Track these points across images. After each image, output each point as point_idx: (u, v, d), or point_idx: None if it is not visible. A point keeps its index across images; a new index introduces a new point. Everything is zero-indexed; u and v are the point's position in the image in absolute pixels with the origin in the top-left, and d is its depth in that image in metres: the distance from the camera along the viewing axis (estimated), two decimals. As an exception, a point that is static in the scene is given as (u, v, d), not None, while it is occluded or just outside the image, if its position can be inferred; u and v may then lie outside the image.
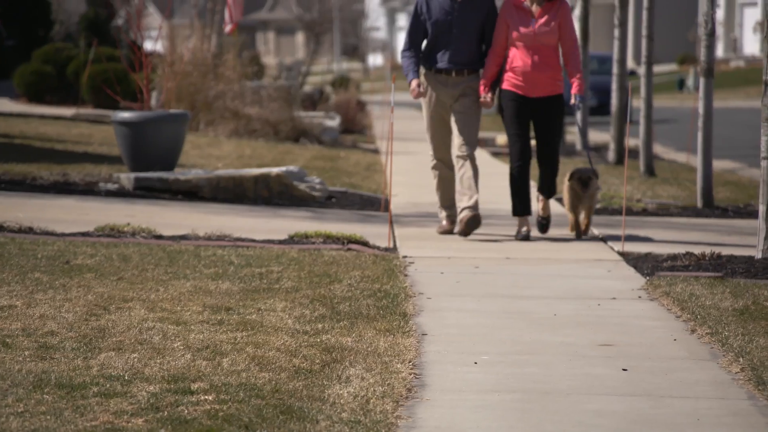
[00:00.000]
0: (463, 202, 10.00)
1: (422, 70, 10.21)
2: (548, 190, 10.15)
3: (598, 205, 11.66)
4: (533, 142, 10.01)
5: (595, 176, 10.01)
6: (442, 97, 10.12)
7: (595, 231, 10.55)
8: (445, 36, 10.03)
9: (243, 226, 10.41)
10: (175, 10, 56.36)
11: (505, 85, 9.96)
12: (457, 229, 10.16)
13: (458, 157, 10.05)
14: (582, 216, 10.09)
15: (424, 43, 10.23)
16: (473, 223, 9.95)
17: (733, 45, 57.18)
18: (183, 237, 9.49)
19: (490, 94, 9.99)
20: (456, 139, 10.08)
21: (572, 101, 9.84)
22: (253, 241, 9.46)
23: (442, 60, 10.05)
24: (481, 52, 10.09)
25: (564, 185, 10.20)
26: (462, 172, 10.01)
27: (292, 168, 12.76)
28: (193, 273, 8.03)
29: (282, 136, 20.45)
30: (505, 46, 9.95)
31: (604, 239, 10.18)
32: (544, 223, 10.21)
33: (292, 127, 20.72)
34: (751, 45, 55.97)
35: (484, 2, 10.09)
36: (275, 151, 18.08)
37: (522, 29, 9.86)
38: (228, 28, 21.53)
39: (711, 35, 12.93)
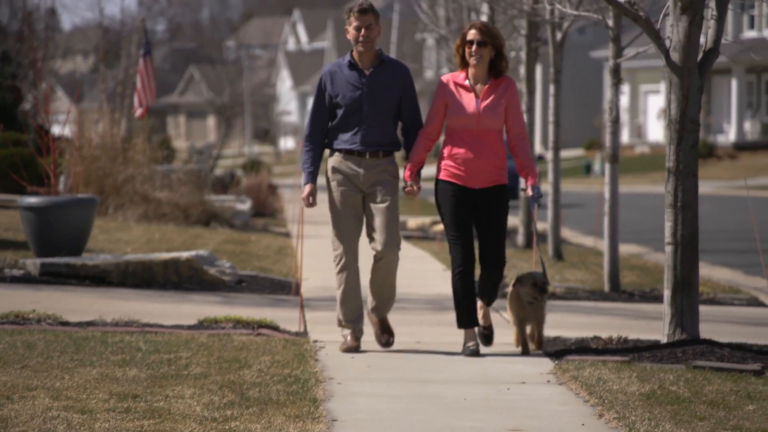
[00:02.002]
0: (377, 308, 8.72)
1: (328, 156, 8.86)
2: (490, 296, 8.75)
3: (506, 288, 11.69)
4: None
5: (547, 283, 8.60)
6: (354, 185, 8.65)
7: (505, 315, 10.61)
8: (354, 114, 8.62)
9: (152, 311, 10.30)
10: (84, 94, 56.11)
11: (443, 176, 8.55)
12: (377, 334, 8.75)
13: (375, 255, 8.60)
14: (530, 329, 8.69)
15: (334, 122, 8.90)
16: (386, 338, 8.68)
17: (638, 131, 58.30)
18: (90, 323, 9.38)
19: (416, 182, 8.58)
20: (372, 235, 8.61)
21: (528, 192, 8.55)
22: (162, 326, 9.37)
23: (353, 141, 8.64)
24: (396, 131, 8.78)
25: (509, 292, 8.83)
26: (378, 272, 8.61)
27: (202, 252, 12.71)
28: (100, 360, 7.92)
29: (192, 219, 20.37)
30: (439, 129, 8.64)
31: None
32: (486, 334, 8.82)
33: (203, 210, 20.66)
34: (655, 131, 57.11)
35: (399, 74, 8.67)
36: (185, 235, 17.99)
37: (464, 110, 8.48)
38: (138, 112, 21.49)
39: (616, 122, 13.18)
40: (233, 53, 65.54)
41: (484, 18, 20.07)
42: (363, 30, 8.57)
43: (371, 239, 8.65)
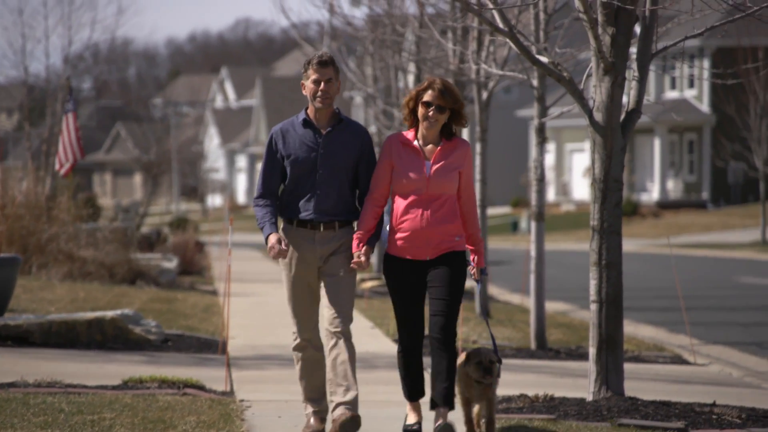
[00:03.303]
0: (337, 395, 7.62)
1: (281, 224, 7.90)
2: (445, 396, 7.58)
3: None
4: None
5: (498, 361, 7.73)
6: (308, 258, 7.77)
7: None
8: (308, 178, 7.76)
9: (75, 371, 10.17)
10: (8, 153, 55.63)
11: (391, 249, 7.69)
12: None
13: (330, 333, 7.68)
14: (478, 410, 7.78)
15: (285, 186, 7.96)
16: (352, 426, 7.54)
17: (564, 189, 58.88)
18: (11, 384, 9.23)
19: (365, 253, 7.66)
20: (326, 311, 7.74)
21: (474, 274, 7.76)
22: (86, 387, 9.25)
23: (306, 209, 7.75)
24: (355, 199, 7.85)
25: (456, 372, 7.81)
26: (335, 354, 7.66)
27: (127, 311, 12.60)
28: (21, 422, 7.79)
29: (118, 278, 20.18)
30: (386, 194, 7.71)
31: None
32: None
33: (129, 269, 20.49)
34: (580, 190, 57.72)
35: (358, 136, 7.82)
36: (110, 294, 17.81)
37: (412, 174, 7.60)
38: (63, 170, 21.33)
39: (541, 180, 13.31)
40: (160, 111, 65.38)
41: (410, 78, 20.23)
42: (322, 84, 7.74)
43: (322, 316, 7.78)
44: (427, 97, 7.61)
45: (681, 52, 9.82)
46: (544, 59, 8.75)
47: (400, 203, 7.66)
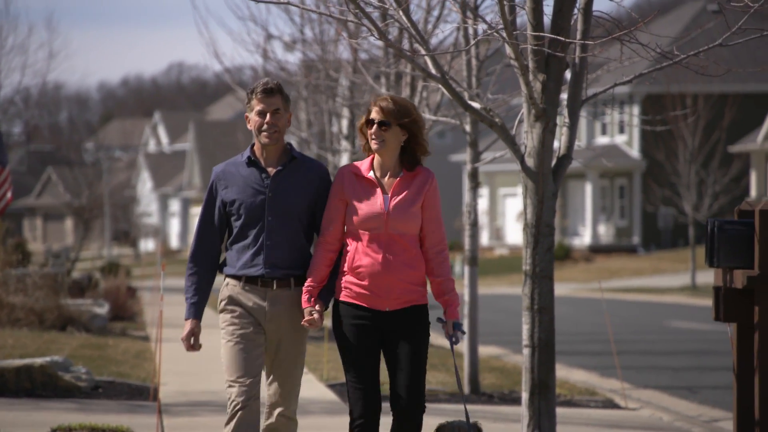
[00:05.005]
0: None
1: (227, 281, 6.68)
2: None
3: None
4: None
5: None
6: (256, 322, 6.60)
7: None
8: (255, 227, 6.60)
9: (3, 420, 10.02)
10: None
11: (343, 296, 6.57)
12: None
13: (272, 413, 6.63)
14: None
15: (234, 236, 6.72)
16: None
17: (497, 233, 59.21)
18: (-62, 432, 9.06)
19: (317, 307, 6.56)
20: (270, 386, 6.64)
21: (447, 330, 6.61)
22: (14, 435, 9.11)
23: (254, 264, 6.58)
24: (310, 250, 6.74)
25: None
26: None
27: (56, 358, 12.45)
28: (-52, 471, 7.66)
29: (48, 324, 19.95)
30: (340, 236, 6.62)
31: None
32: None
33: (59, 315, 20.26)
34: (514, 234, 58.06)
35: (313, 176, 6.70)
36: (40, 341, 17.59)
37: (367, 210, 6.55)
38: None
39: (474, 225, 13.38)
40: (92, 155, 64.96)
41: (344, 123, 20.30)
42: (268, 116, 6.59)
43: (265, 390, 6.64)
44: (372, 114, 6.65)
45: (611, 99, 9.96)
46: (476, 105, 8.82)
47: (354, 245, 6.56)
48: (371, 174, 6.62)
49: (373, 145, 6.60)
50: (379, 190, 6.60)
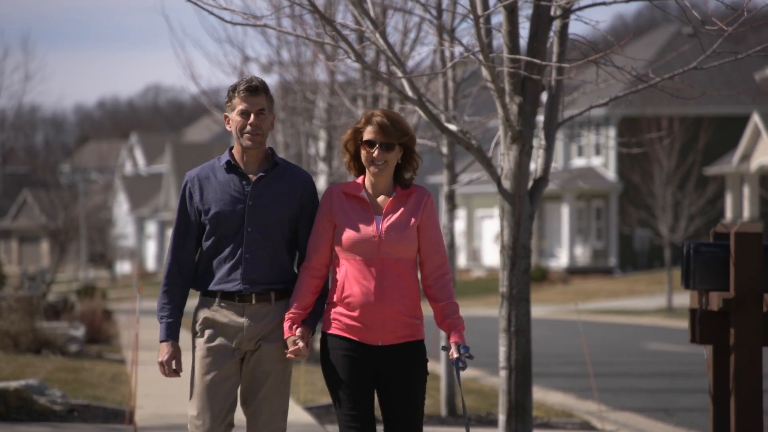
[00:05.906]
0: None
1: (200, 300, 6.12)
2: None
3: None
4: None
5: None
6: (231, 342, 6.04)
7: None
8: (233, 239, 6.00)
9: (-23, 443, 9.95)
10: None
11: (332, 328, 6.01)
12: None
13: None
14: None
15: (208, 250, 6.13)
16: None
17: (475, 255, 59.25)
18: None
19: (302, 336, 6.00)
20: (251, 421, 6.05)
21: (452, 354, 5.99)
22: (-12, 459, 9.05)
23: (231, 278, 6.01)
24: (293, 264, 6.17)
25: None
26: None
27: (31, 381, 12.38)
28: None
29: (23, 347, 19.85)
30: (327, 261, 6.05)
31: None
32: None
33: (34, 338, 20.16)
34: (491, 255, 58.13)
35: (297, 184, 6.10)
36: (14, 364, 17.49)
37: (358, 232, 5.96)
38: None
39: (451, 247, 13.39)
40: (68, 177, 64.79)
41: (321, 145, 20.30)
42: (252, 116, 5.98)
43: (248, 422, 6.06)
44: (368, 134, 5.98)
45: (587, 121, 9.99)
46: (453, 127, 8.84)
47: (344, 270, 5.96)
48: (363, 193, 6.03)
49: (373, 169, 6.00)
50: (370, 210, 6.00)
